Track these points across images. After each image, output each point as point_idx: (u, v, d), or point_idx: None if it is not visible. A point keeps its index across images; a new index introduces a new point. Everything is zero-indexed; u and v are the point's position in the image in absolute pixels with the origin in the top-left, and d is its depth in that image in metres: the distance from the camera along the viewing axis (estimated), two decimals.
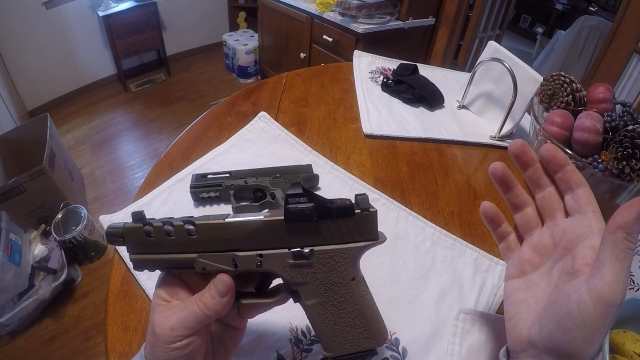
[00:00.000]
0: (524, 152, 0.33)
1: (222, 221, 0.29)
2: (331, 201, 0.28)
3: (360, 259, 0.29)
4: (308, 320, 0.30)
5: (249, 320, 0.35)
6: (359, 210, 0.28)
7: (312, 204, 0.27)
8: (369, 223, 0.28)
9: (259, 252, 0.29)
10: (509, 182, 0.36)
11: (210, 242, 0.29)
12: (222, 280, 0.28)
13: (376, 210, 0.29)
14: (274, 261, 0.29)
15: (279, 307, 0.32)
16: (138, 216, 0.29)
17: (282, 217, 0.28)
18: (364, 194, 0.28)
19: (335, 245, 0.28)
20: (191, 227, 0.29)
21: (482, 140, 0.82)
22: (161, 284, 0.31)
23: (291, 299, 0.31)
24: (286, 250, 0.28)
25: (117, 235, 0.30)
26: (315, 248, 0.28)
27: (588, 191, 0.30)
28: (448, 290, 0.51)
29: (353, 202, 0.29)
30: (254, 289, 0.33)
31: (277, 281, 0.32)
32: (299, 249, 0.28)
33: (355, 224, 0.28)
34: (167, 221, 0.29)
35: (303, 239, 0.28)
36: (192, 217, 0.30)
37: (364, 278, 0.30)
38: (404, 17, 1.92)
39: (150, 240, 0.29)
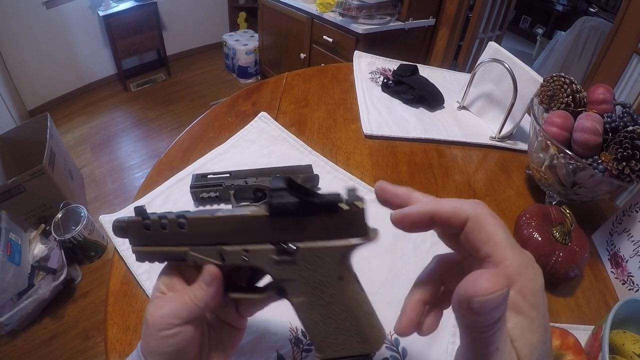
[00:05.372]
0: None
1: (210, 215, 0.29)
2: (318, 195, 0.26)
3: (352, 257, 0.28)
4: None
5: (249, 320, 0.35)
6: (345, 206, 0.26)
7: (296, 198, 0.26)
8: (357, 219, 0.26)
9: (245, 247, 0.28)
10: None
11: (199, 236, 0.29)
12: (208, 270, 0.29)
13: (364, 206, 0.26)
14: (259, 257, 0.28)
15: (279, 307, 0.32)
16: (139, 210, 0.30)
17: (267, 212, 0.27)
18: (354, 187, 0.26)
19: (320, 242, 0.27)
20: (183, 220, 0.29)
21: (482, 141, 0.82)
22: (160, 277, 0.32)
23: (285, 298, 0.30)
24: (270, 246, 0.28)
25: (120, 228, 0.31)
26: (300, 245, 0.27)
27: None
28: None
29: (342, 196, 0.27)
30: (244, 284, 0.33)
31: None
32: (282, 245, 0.27)
33: (341, 219, 0.26)
34: (163, 215, 0.30)
35: (287, 235, 0.27)
36: (189, 211, 0.30)
37: (356, 278, 0.28)
38: (404, 17, 1.92)
39: (148, 233, 0.30)
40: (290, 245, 0.27)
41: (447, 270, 0.26)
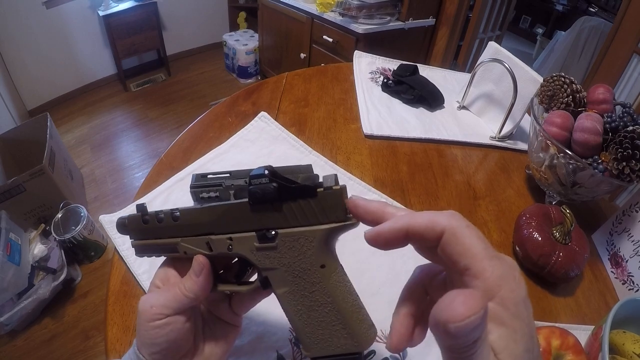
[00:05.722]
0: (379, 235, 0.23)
1: (200, 206, 0.30)
2: (296, 181, 0.27)
3: (334, 244, 0.28)
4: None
5: (249, 320, 0.35)
6: (322, 189, 0.26)
7: (274, 184, 0.26)
8: (334, 202, 0.26)
9: (229, 235, 0.29)
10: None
11: (190, 227, 0.30)
12: (197, 260, 0.30)
13: (343, 187, 0.26)
14: (242, 244, 0.29)
15: (279, 307, 0.32)
16: (140, 207, 0.32)
17: (247, 199, 0.28)
18: (334, 174, 0.27)
19: (298, 228, 0.27)
20: (177, 213, 0.31)
21: (482, 141, 0.82)
22: (156, 273, 0.33)
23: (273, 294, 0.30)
24: (253, 233, 0.28)
25: (122, 225, 0.33)
26: (280, 230, 0.27)
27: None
28: None
29: (320, 180, 0.27)
30: (233, 277, 0.33)
31: None
32: (263, 231, 0.28)
33: (318, 204, 0.26)
34: (161, 210, 0.32)
35: (267, 221, 0.28)
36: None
37: (341, 268, 0.28)
38: (404, 17, 1.92)
39: (146, 227, 0.32)
40: (271, 231, 0.28)
41: (430, 281, 0.25)
